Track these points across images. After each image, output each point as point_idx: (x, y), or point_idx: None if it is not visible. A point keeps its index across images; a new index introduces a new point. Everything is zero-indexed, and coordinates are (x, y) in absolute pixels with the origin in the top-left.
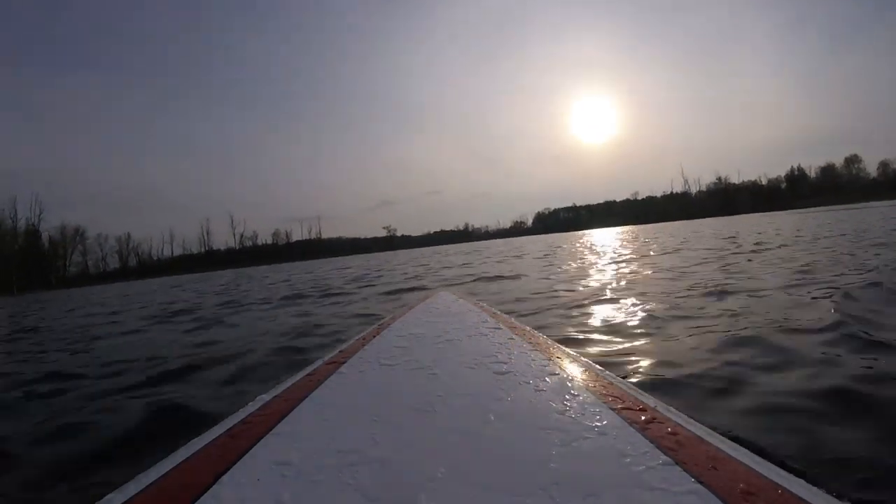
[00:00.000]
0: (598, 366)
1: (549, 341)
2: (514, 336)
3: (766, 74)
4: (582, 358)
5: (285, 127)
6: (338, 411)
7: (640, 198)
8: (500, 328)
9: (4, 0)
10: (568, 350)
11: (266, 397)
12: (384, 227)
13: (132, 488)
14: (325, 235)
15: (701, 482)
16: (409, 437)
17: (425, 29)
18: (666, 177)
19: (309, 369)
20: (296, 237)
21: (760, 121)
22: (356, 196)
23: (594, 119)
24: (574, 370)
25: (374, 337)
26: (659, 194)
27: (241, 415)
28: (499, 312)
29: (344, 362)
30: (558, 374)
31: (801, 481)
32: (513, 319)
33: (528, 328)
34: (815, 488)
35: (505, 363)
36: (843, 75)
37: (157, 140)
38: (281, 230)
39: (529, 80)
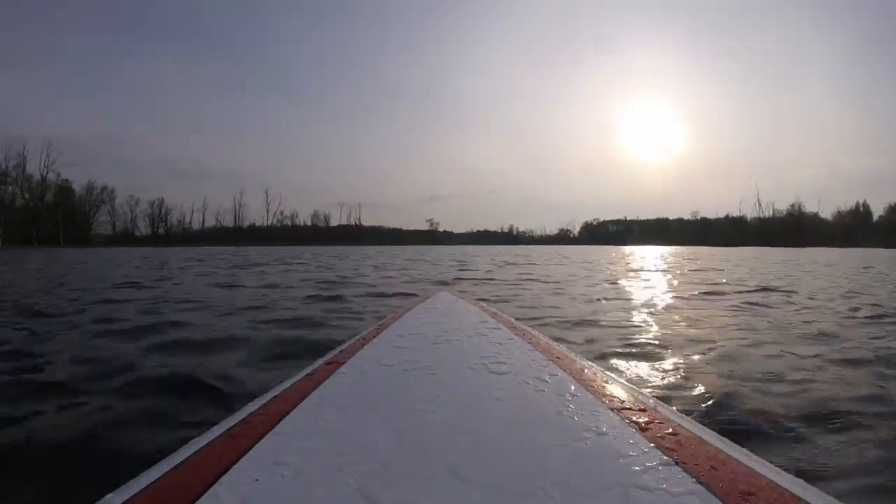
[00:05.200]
0: (598, 366)
1: (550, 341)
2: (514, 336)
3: (842, 99)
4: (582, 358)
5: (340, 114)
6: (338, 411)
7: (698, 217)
8: (500, 328)
9: None
10: (568, 350)
11: (266, 397)
12: (427, 220)
13: (132, 488)
14: (366, 223)
15: (701, 482)
16: (409, 437)
17: (490, 29)
18: (735, 198)
19: (309, 369)
20: (335, 221)
21: (841, 148)
22: (407, 188)
23: (653, 132)
24: (574, 370)
25: (374, 337)
26: (722, 215)
27: (241, 415)
28: (499, 312)
29: (344, 362)
30: (558, 374)
31: (801, 481)
32: (513, 319)
33: (528, 328)
34: (814, 488)
35: (505, 363)
36: None
37: (210, 117)
38: (320, 212)
39: (588, 87)
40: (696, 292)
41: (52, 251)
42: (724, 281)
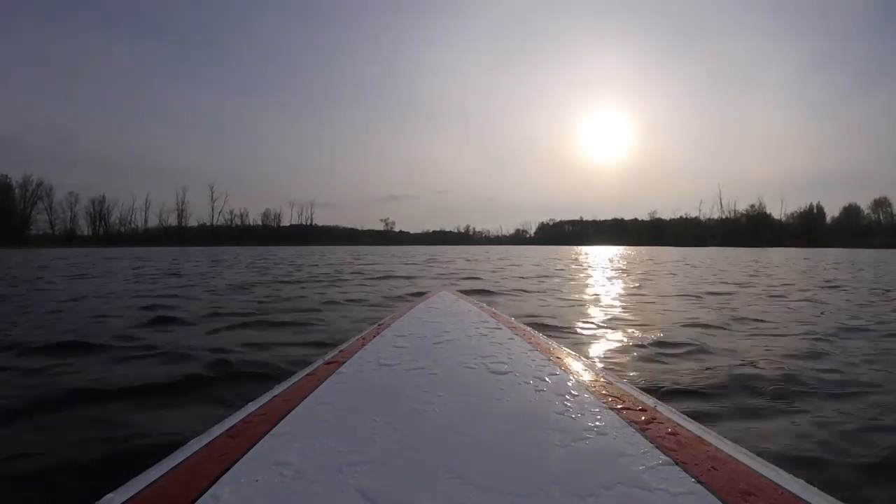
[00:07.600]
0: (597, 366)
1: (549, 341)
2: (514, 336)
3: (791, 106)
4: (582, 358)
5: (293, 112)
6: (338, 411)
7: (655, 217)
8: (500, 328)
9: None
10: (568, 350)
11: (266, 397)
12: (381, 220)
13: (132, 488)
14: (321, 223)
15: (701, 482)
16: (409, 437)
17: (447, 29)
18: (695, 199)
19: (309, 369)
20: (286, 221)
21: (795, 152)
22: (362, 188)
23: (610, 135)
24: (574, 370)
25: (374, 337)
26: (677, 216)
27: (241, 415)
28: (499, 312)
29: (344, 362)
30: (558, 374)
31: (801, 481)
32: (513, 319)
33: (528, 328)
34: (814, 488)
35: (505, 363)
36: (868, 115)
37: (155, 108)
38: (271, 211)
39: (548, 90)
40: None
41: None
42: None
